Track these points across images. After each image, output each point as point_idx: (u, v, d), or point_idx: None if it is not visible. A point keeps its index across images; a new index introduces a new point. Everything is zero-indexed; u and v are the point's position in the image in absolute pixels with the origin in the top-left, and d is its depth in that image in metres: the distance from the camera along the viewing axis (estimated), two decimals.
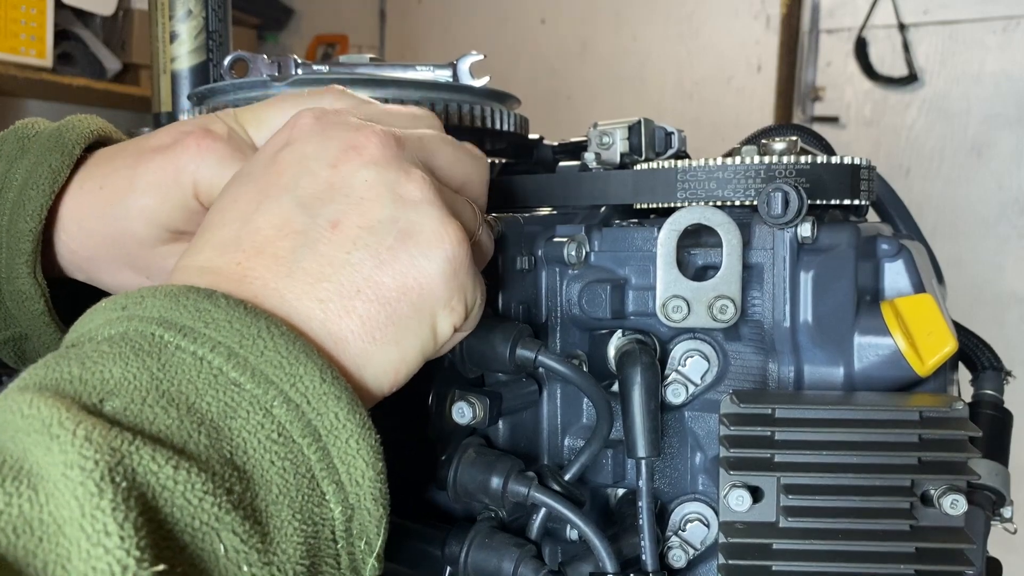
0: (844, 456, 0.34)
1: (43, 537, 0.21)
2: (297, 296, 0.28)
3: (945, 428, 0.34)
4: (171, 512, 0.23)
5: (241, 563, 0.23)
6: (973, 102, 1.86)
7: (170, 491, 0.23)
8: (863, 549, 0.33)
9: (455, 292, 0.30)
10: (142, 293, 0.27)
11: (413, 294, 0.29)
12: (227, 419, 0.25)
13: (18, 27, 1.76)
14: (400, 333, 0.29)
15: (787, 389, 0.38)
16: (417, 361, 0.30)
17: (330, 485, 0.26)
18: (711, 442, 0.41)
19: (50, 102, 1.99)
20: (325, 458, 0.26)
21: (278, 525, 0.25)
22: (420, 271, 0.29)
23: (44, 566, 0.21)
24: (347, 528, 0.27)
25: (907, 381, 0.37)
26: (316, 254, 0.28)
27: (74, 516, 0.21)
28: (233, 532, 0.23)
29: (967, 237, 1.82)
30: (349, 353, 0.28)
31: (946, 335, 0.36)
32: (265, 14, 2.63)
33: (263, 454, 0.25)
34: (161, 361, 0.25)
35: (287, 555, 0.25)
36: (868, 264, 0.38)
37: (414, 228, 0.29)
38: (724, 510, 0.35)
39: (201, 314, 0.26)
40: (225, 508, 0.23)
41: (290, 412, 0.26)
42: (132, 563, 0.21)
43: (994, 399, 0.41)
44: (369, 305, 0.28)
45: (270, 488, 0.25)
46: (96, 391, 0.24)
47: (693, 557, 0.40)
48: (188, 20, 0.66)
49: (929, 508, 0.34)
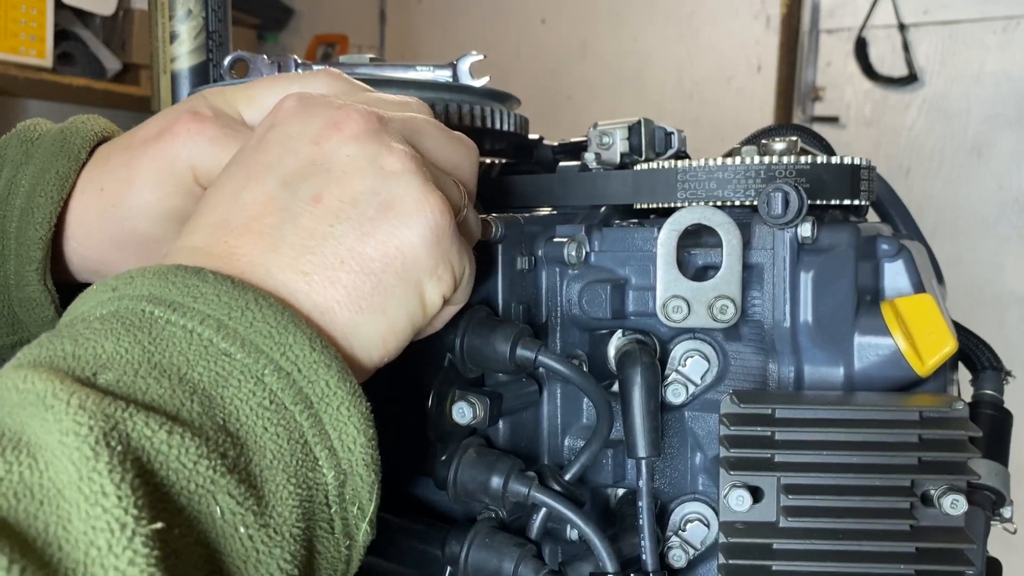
0: (844, 456, 0.34)
1: (43, 500, 0.21)
2: (282, 269, 0.28)
3: (945, 428, 0.34)
4: (166, 475, 0.23)
5: (238, 524, 0.24)
6: (973, 102, 1.86)
7: (164, 455, 0.23)
8: (863, 549, 0.33)
9: (440, 261, 0.30)
10: (131, 274, 0.28)
11: (397, 263, 0.29)
12: (219, 388, 0.25)
13: (18, 27, 1.76)
14: (386, 302, 0.29)
15: (787, 389, 0.38)
16: (406, 332, 0.30)
17: (323, 451, 0.26)
18: (711, 442, 0.41)
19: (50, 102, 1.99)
20: (317, 424, 0.26)
21: (273, 489, 0.25)
22: (402, 240, 0.29)
23: (45, 527, 0.21)
24: (340, 493, 0.27)
25: (907, 381, 0.37)
26: (299, 228, 0.29)
27: (72, 480, 0.21)
28: (229, 494, 0.24)
29: (967, 237, 1.82)
30: (336, 323, 0.29)
31: (946, 335, 0.36)
32: (265, 14, 2.63)
33: (256, 420, 0.25)
34: (152, 335, 0.26)
35: (283, 518, 0.25)
36: (868, 264, 0.38)
37: (395, 198, 0.29)
38: (724, 510, 0.35)
39: (190, 290, 0.27)
40: (220, 471, 0.24)
41: (281, 380, 0.26)
42: (130, 521, 0.21)
43: (994, 399, 0.41)
44: (353, 275, 0.29)
45: (264, 453, 0.25)
46: (89, 365, 0.24)
47: (693, 557, 0.40)
48: (188, 20, 0.66)
49: (929, 508, 0.34)
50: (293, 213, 0.29)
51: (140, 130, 0.39)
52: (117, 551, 0.21)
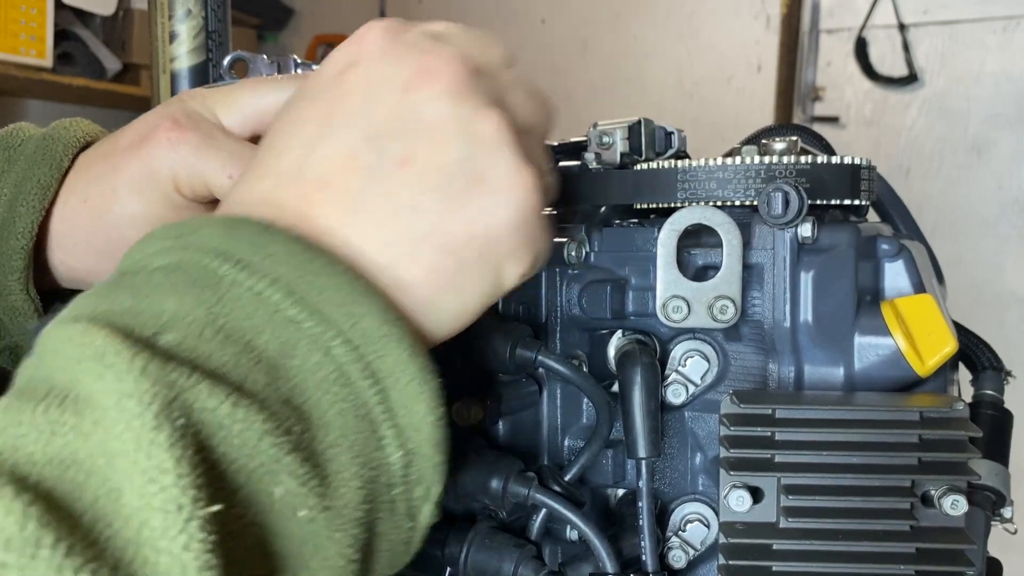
0: (844, 456, 0.34)
1: (91, 471, 0.20)
2: (361, 237, 0.26)
3: (945, 428, 0.34)
4: (226, 452, 0.21)
5: (298, 506, 0.22)
6: (973, 102, 1.86)
7: (227, 430, 0.21)
8: (863, 550, 0.33)
9: (524, 242, 0.28)
10: (197, 222, 0.26)
11: (479, 242, 0.27)
12: (285, 358, 0.24)
13: (18, 27, 1.76)
14: (464, 282, 0.27)
15: (787, 390, 0.38)
16: (478, 310, 0.29)
17: (389, 429, 0.25)
18: (711, 442, 0.40)
19: (50, 102, 1.99)
20: (384, 401, 0.25)
21: (336, 469, 0.24)
22: (490, 219, 0.27)
23: (93, 501, 0.20)
24: (405, 474, 0.26)
25: (907, 381, 0.37)
26: (383, 194, 0.27)
27: (127, 450, 0.20)
28: (291, 475, 0.22)
29: (967, 237, 1.82)
30: (411, 299, 0.27)
31: (946, 335, 0.36)
32: (265, 14, 2.63)
33: (322, 395, 0.24)
34: (218, 295, 0.24)
35: (345, 500, 0.24)
36: (868, 264, 0.38)
37: (486, 171, 0.27)
38: (724, 511, 0.34)
39: (259, 247, 0.25)
40: (284, 449, 0.22)
41: (349, 353, 0.24)
42: (188, 502, 0.20)
43: (994, 399, 0.41)
44: (435, 252, 0.27)
45: (328, 431, 0.24)
46: (150, 324, 0.23)
47: (693, 557, 0.40)
48: (187, 20, 0.66)
49: (929, 508, 0.34)
50: (379, 176, 0.27)
51: (121, 136, 0.39)
52: (172, 534, 0.20)
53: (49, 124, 0.43)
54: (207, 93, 0.38)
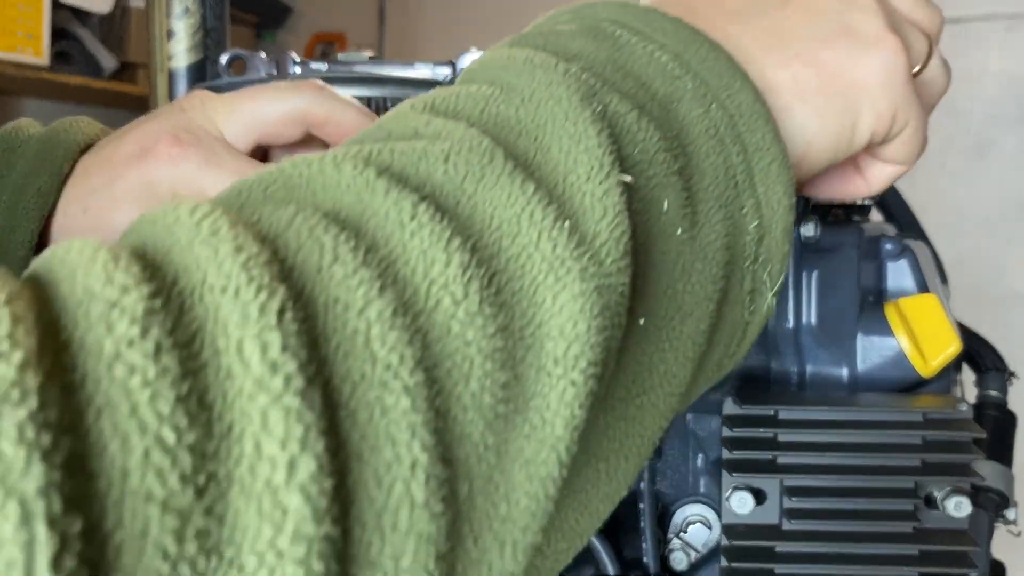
0: (847, 458, 0.34)
1: (522, 132, 0.23)
2: (740, 37, 0.28)
3: (949, 429, 0.34)
4: (629, 154, 0.24)
5: (677, 225, 0.24)
6: (977, 101, 1.86)
7: (632, 135, 0.24)
8: (866, 552, 0.33)
9: (884, 98, 0.29)
10: (590, 4, 0.29)
11: (844, 78, 0.29)
12: (674, 103, 0.26)
13: (15, 25, 1.75)
14: (824, 106, 0.29)
15: (790, 390, 0.37)
16: (826, 149, 0.29)
17: (749, 198, 0.26)
18: (713, 444, 0.40)
19: (47, 101, 1.99)
20: (747, 172, 0.26)
21: (704, 212, 0.25)
22: (855, 62, 0.29)
23: (525, 151, 0.22)
24: (756, 251, 0.27)
25: (911, 382, 0.37)
26: (763, 16, 0.29)
27: (556, 116, 0.23)
28: (676, 194, 0.24)
29: (970, 237, 1.82)
30: (775, 103, 0.28)
31: (950, 335, 0.36)
32: (263, 12, 2.62)
33: (701, 143, 0.26)
34: (616, 46, 0.27)
35: (708, 241, 0.25)
36: (871, 264, 0.38)
37: (856, 26, 0.29)
38: (726, 512, 0.34)
39: (648, 22, 0.27)
40: (673, 168, 0.24)
41: (724, 118, 0.26)
42: (608, 163, 0.22)
43: (998, 400, 0.41)
44: (805, 69, 0.28)
45: (703, 176, 0.26)
46: (560, 54, 0.25)
47: (695, 560, 0.40)
48: (185, 18, 0.66)
49: (932, 510, 0.34)
50: (760, 7, 0.29)
51: (120, 144, 0.38)
52: (595, 182, 0.22)
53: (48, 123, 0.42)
54: (207, 100, 0.38)
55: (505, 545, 0.20)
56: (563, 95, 0.23)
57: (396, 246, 0.19)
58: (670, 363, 0.25)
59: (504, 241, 0.20)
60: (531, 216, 0.21)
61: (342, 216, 0.19)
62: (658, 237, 0.24)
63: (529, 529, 0.20)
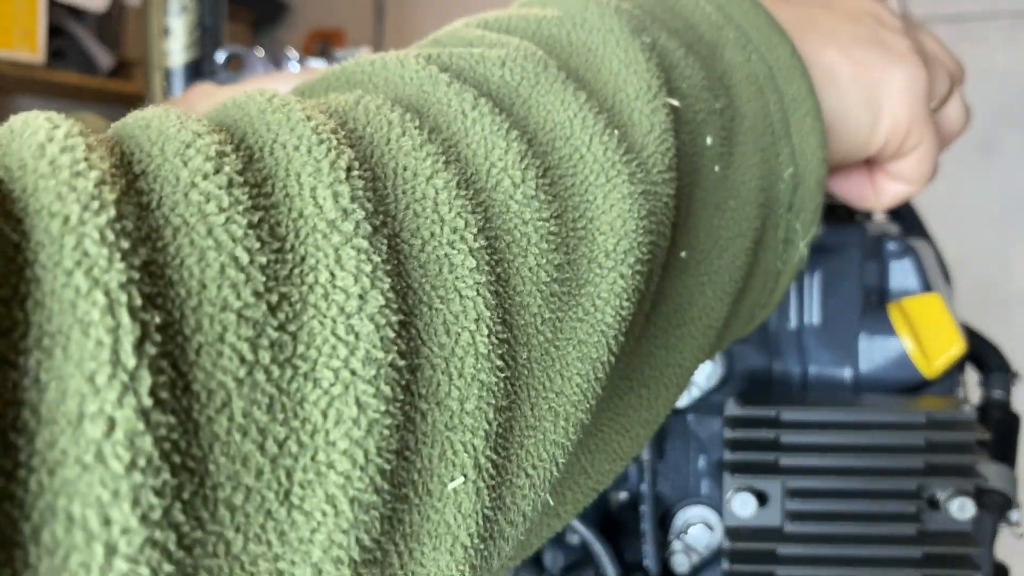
0: (850, 459, 0.33)
1: (573, 53, 0.24)
2: (783, 13, 0.29)
3: (952, 431, 0.33)
4: (677, 87, 0.24)
5: (716, 161, 0.25)
6: (980, 99, 1.85)
7: (679, 70, 0.24)
8: (869, 554, 0.33)
9: (904, 106, 0.30)
10: None
11: (872, 77, 0.30)
12: (719, 47, 0.27)
13: (10, 23, 1.74)
14: (849, 95, 0.30)
15: (792, 391, 0.37)
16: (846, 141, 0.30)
17: (785, 146, 0.27)
18: (715, 445, 0.40)
19: (43, 99, 1.98)
20: (784, 121, 0.27)
21: (743, 153, 0.26)
22: (884, 66, 0.30)
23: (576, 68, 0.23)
24: (791, 199, 0.28)
25: (914, 383, 0.36)
26: (808, 6, 0.31)
27: (608, 42, 0.24)
28: (715, 132, 0.25)
29: (974, 236, 1.82)
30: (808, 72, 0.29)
31: (954, 336, 0.36)
32: (261, 9, 2.62)
33: (743, 88, 0.27)
34: None
35: (746, 185, 0.26)
36: (875, 264, 0.38)
37: (887, 40, 0.31)
38: (728, 515, 0.34)
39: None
40: (714, 107, 0.25)
41: (763, 67, 0.27)
42: (656, 87, 0.23)
43: (1002, 401, 0.41)
44: (839, 56, 0.30)
45: (743, 119, 0.26)
46: None
47: (697, 562, 0.40)
48: (182, 15, 0.65)
49: (936, 512, 0.33)
50: (805, 1, 0.31)
51: None
52: (644, 100, 0.23)
53: None
54: (212, 93, 0.38)
55: (559, 417, 0.20)
56: (615, 24, 0.24)
57: (458, 131, 0.20)
58: (709, 296, 0.26)
59: (557, 142, 0.21)
60: (583, 121, 0.21)
61: (405, 102, 0.21)
62: (699, 172, 0.25)
63: (580, 406, 0.21)
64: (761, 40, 0.27)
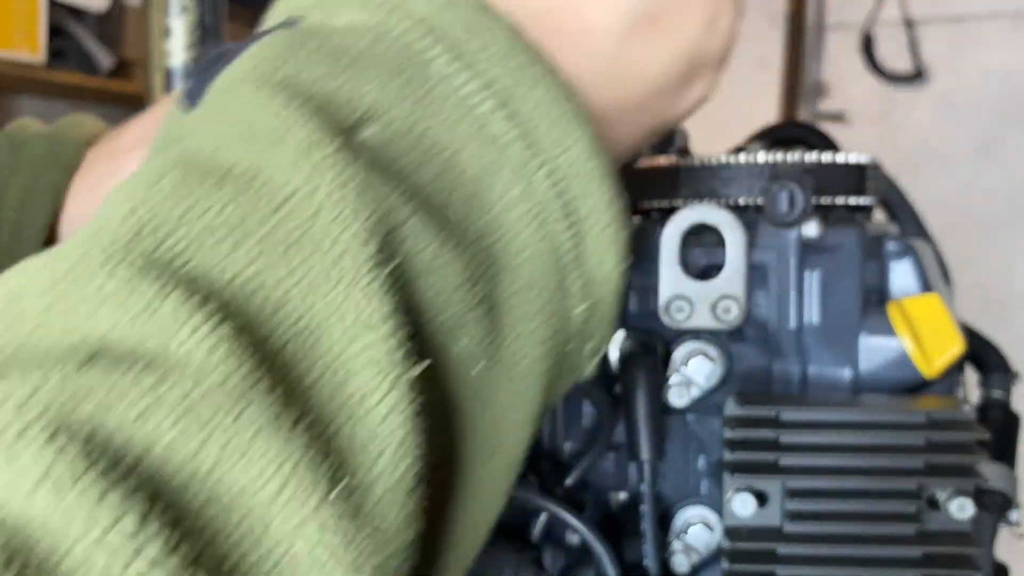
0: (850, 459, 0.34)
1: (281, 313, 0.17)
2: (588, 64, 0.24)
3: (952, 431, 0.33)
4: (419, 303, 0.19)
5: (472, 365, 0.20)
6: (981, 99, 1.85)
7: (427, 277, 0.19)
8: (869, 554, 0.33)
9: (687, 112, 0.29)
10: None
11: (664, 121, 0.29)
12: (485, 186, 0.21)
13: (11, 23, 1.74)
14: None
15: (792, 391, 0.37)
16: None
17: (576, 280, 0.23)
18: (714, 445, 0.40)
19: (43, 99, 1.98)
20: (577, 245, 0.22)
21: (514, 320, 0.21)
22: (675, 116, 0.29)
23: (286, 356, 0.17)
24: (583, 330, 0.24)
25: (914, 383, 0.36)
26: None
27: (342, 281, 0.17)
28: (472, 332, 0.20)
29: (975, 236, 1.81)
30: None
31: (954, 336, 0.36)
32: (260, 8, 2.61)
33: (515, 236, 0.21)
34: (424, 89, 0.21)
35: (518, 355, 0.22)
36: (874, 264, 0.38)
37: None
38: (728, 515, 0.34)
39: (476, 32, 0.22)
40: (473, 302, 0.20)
41: (551, 189, 0.22)
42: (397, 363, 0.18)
43: (1002, 401, 0.41)
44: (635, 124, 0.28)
45: (516, 277, 0.21)
46: (348, 110, 0.20)
47: (697, 562, 0.40)
48: (183, 15, 0.65)
49: (935, 512, 0.33)
50: None
51: (123, 134, 0.39)
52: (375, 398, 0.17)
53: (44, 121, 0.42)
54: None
55: None
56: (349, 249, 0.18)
57: None
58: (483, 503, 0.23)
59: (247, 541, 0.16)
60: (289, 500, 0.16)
61: None
62: (448, 383, 0.20)
63: None
64: (552, 143, 0.22)
